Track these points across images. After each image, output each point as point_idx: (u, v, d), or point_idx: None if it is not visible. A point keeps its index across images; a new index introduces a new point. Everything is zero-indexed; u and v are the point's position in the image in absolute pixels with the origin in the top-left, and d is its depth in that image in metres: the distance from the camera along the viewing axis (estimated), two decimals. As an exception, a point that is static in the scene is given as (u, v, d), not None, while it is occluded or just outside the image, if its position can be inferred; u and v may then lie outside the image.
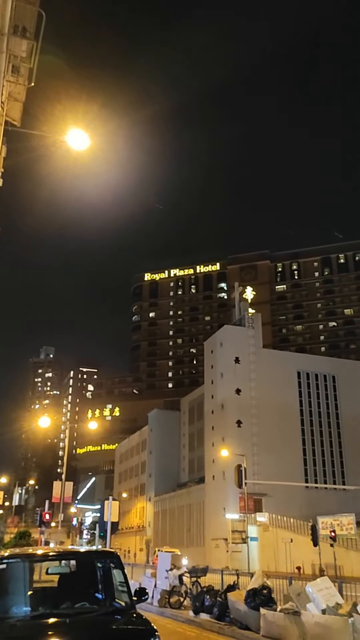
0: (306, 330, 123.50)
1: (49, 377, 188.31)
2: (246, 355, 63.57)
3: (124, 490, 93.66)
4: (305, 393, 67.42)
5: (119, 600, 7.59)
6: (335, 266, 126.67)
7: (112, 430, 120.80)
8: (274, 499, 53.61)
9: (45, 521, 32.47)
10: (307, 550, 37.90)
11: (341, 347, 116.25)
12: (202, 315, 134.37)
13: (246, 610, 12.74)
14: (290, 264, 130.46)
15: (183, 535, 67.08)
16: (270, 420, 61.17)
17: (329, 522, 37.61)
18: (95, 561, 8.08)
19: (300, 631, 10.74)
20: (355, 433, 65.83)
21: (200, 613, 15.26)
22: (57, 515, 39.27)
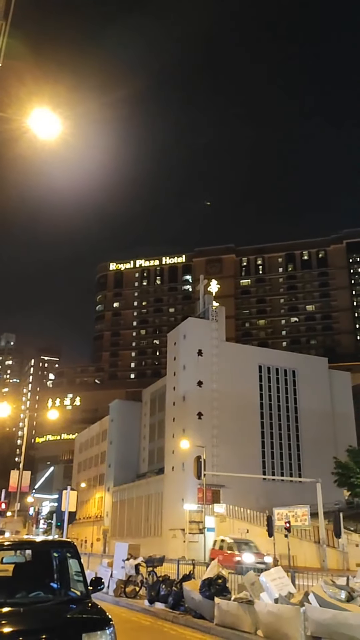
0: (269, 324, 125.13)
1: (8, 365, 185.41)
2: (209, 348, 63.96)
3: (83, 480, 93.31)
4: (265, 387, 68.34)
5: (74, 590, 7.60)
6: (299, 262, 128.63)
7: (73, 419, 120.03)
8: (232, 490, 54.30)
9: (0, 510, 32.10)
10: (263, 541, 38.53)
11: (302, 343, 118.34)
12: (167, 307, 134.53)
13: (201, 600, 12.90)
14: (255, 258, 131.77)
15: (141, 526, 67.37)
16: (230, 413, 61.82)
17: (284, 514, 38.29)
18: (51, 551, 8.07)
19: (253, 620, 10.95)
20: (313, 427, 67.22)
21: (155, 602, 15.38)
22: (14, 505, 38.86)
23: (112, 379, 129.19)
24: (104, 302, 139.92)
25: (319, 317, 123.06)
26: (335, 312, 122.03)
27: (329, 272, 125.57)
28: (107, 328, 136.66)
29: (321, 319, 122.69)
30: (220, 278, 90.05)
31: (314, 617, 9.29)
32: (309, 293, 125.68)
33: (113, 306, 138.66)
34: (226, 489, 55.24)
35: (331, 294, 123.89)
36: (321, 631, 9.19)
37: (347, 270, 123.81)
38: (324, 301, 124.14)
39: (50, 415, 77.97)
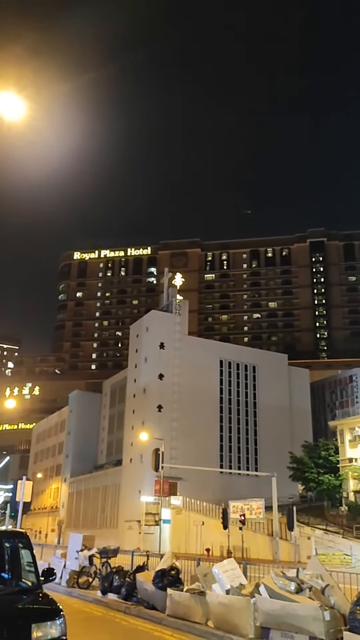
0: (231, 320, 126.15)
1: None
2: (171, 341, 64.08)
3: (39, 470, 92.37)
4: (226, 381, 68.97)
5: (25, 581, 7.55)
6: (263, 259, 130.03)
7: (31, 409, 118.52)
8: (189, 483, 54.70)
9: None
10: (217, 533, 39.04)
11: (263, 339, 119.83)
12: (130, 298, 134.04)
13: (153, 591, 12.98)
14: (220, 254, 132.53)
15: (97, 517, 67.24)
16: (190, 406, 62.17)
17: (240, 506, 38.86)
18: (3, 541, 7.98)
19: (205, 610, 11.08)
20: (271, 422, 68.27)
21: (108, 593, 15.38)
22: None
23: (73, 369, 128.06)
24: (66, 291, 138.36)
25: (280, 314, 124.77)
26: (297, 309, 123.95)
27: (292, 270, 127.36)
28: (69, 318, 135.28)
29: (283, 316, 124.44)
30: (184, 272, 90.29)
31: (263, 607, 9.46)
32: (272, 290, 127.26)
33: (76, 296, 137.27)
34: (183, 482, 55.62)
35: (293, 291, 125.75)
36: (270, 622, 9.37)
37: (309, 269, 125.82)
38: (285, 298, 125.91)
39: (8, 404, 76.93)
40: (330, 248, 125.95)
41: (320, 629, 8.48)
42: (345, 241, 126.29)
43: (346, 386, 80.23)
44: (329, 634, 8.47)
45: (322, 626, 8.46)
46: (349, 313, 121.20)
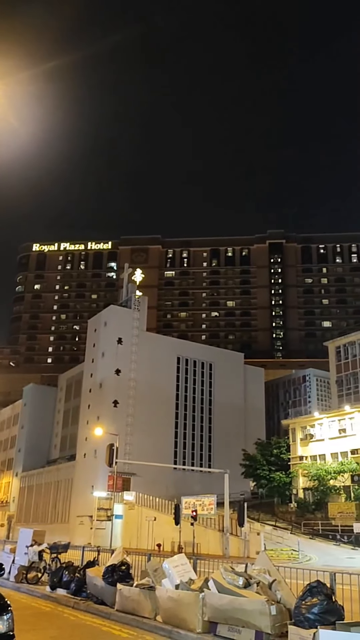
0: (189, 317, 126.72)
1: None
2: (129, 337, 63.92)
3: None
4: (182, 378, 69.32)
5: (-28, 576, 7.44)
6: (223, 258, 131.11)
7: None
8: (143, 479, 54.77)
9: None
10: (169, 529, 39.27)
11: (220, 337, 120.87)
12: (89, 293, 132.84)
13: (103, 586, 12.97)
14: (181, 251, 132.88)
15: (48, 512, 66.52)
16: (146, 402, 62.21)
17: (192, 502, 39.22)
18: None
19: (154, 605, 11.16)
20: (225, 420, 69.04)
21: (57, 589, 15.28)
22: None
23: (28, 362, 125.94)
24: (24, 283, 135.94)
25: (238, 313, 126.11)
26: (254, 309, 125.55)
27: (250, 270, 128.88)
28: (26, 310, 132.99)
29: (240, 315, 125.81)
30: (145, 268, 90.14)
31: (211, 602, 9.60)
32: (231, 289, 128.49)
33: (34, 288, 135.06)
34: (137, 477, 55.65)
35: (251, 291, 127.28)
36: (218, 616, 9.52)
37: (268, 269, 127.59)
38: (244, 298, 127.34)
39: None
40: (288, 250, 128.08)
41: (266, 623, 8.66)
42: (303, 244, 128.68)
43: (299, 386, 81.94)
44: (275, 628, 8.67)
45: (268, 620, 8.65)
46: (305, 314, 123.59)
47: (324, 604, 8.08)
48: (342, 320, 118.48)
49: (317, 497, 47.84)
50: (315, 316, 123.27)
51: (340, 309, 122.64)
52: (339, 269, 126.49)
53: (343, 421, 50.02)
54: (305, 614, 8.09)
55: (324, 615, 7.95)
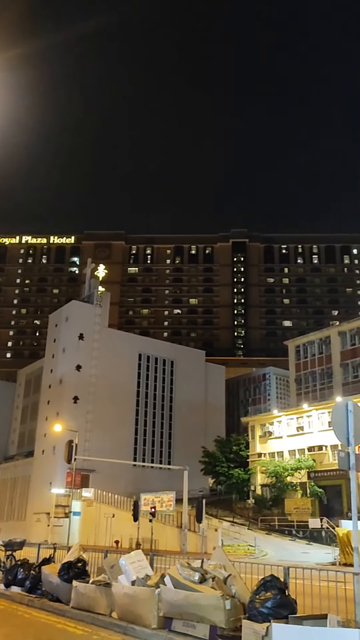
0: (152, 314, 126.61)
1: None
2: (91, 333, 63.47)
3: None
4: (144, 375, 69.27)
5: None
6: (186, 256, 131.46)
7: None
8: (102, 475, 54.53)
9: None
10: (128, 525, 39.25)
11: (182, 335, 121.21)
12: (51, 287, 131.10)
13: (59, 583, 12.86)
14: (145, 248, 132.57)
15: (4, 509, 65.50)
16: (107, 399, 61.91)
17: (151, 499, 39.33)
18: None
19: (109, 602, 11.13)
20: (186, 417, 69.37)
21: (11, 586, 15.07)
22: None
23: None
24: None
25: (200, 311, 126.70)
26: (217, 307, 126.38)
27: (213, 268, 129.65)
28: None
29: (202, 313, 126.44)
30: (108, 263, 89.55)
31: (167, 598, 9.64)
32: (194, 287, 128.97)
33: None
34: (96, 474, 55.38)
35: (214, 289, 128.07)
36: (173, 612, 9.56)
37: (230, 268, 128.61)
38: (206, 296, 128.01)
39: None
40: (251, 249, 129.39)
41: (220, 618, 8.75)
42: (266, 244, 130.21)
43: (259, 384, 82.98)
44: (229, 622, 8.77)
45: (222, 615, 8.74)
46: (266, 313, 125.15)
47: (278, 598, 8.21)
48: (302, 319, 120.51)
49: (274, 493, 48.61)
50: (276, 315, 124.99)
51: (300, 308, 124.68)
52: (300, 270, 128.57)
53: (301, 419, 50.94)
54: (259, 608, 8.20)
55: (277, 609, 8.07)
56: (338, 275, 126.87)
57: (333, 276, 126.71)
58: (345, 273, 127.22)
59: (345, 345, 56.38)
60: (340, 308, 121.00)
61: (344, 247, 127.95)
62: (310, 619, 7.87)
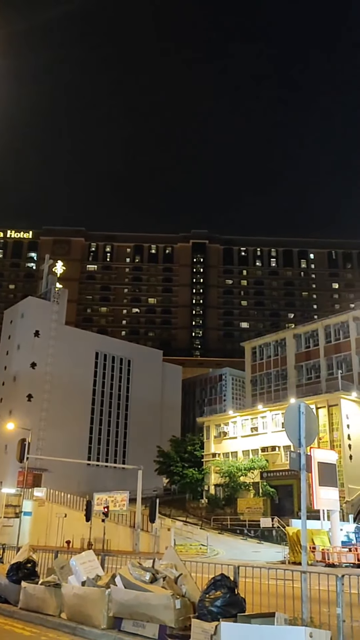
0: (110, 312, 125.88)
1: None
2: (47, 330, 62.59)
3: None
4: (100, 373, 68.79)
5: None
6: (146, 255, 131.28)
7: None
8: (55, 475, 53.83)
9: None
10: (80, 525, 38.84)
11: (140, 334, 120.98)
12: (7, 282, 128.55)
13: (7, 584, 12.64)
14: (105, 245, 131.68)
15: None
16: (62, 397, 61.17)
17: (104, 499, 39.06)
18: None
19: (59, 602, 11.01)
20: (142, 416, 69.25)
21: None
22: None
23: None
24: None
25: (159, 311, 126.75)
26: (175, 307, 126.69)
27: (173, 268, 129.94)
28: None
29: (161, 312, 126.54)
30: (66, 260, 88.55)
31: (117, 598, 9.60)
32: (153, 286, 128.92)
33: None
34: (49, 473, 54.64)
35: (173, 289, 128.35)
36: (123, 612, 9.54)
37: (190, 268, 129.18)
38: (165, 296, 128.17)
39: None
40: (211, 250, 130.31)
41: (170, 617, 8.78)
42: (226, 245, 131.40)
43: (216, 384, 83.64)
44: (179, 622, 8.80)
45: (172, 614, 8.77)
46: (224, 314, 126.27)
47: (227, 597, 8.29)
48: (259, 322, 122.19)
49: (227, 493, 49.08)
50: (234, 317, 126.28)
51: (257, 310, 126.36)
52: (258, 272, 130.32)
53: (256, 420, 51.60)
54: (208, 607, 8.27)
55: (226, 608, 8.16)
56: (295, 279, 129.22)
57: (290, 280, 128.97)
58: (301, 277, 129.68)
59: (300, 347, 57.48)
60: (296, 311, 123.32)
61: (301, 251, 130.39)
62: (259, 617, 7.98)
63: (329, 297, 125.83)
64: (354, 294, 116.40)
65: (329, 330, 55.33)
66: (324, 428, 43.57)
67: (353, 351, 52.09)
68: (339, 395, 44.38)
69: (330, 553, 27.73)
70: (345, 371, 50.60)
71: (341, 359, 52.98)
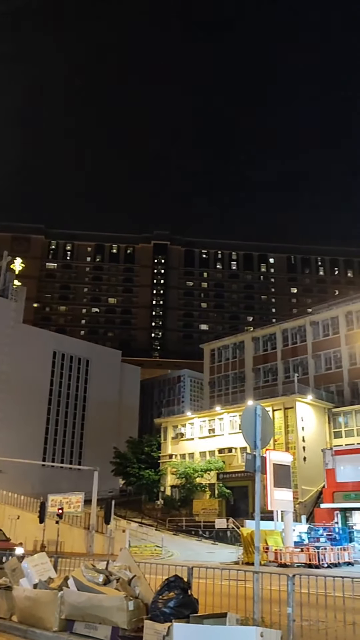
0: (69, 312, 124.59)
1: None
2: (4, 328, 61.43)
3: None
4: (58, 373, 67.95)
5: None
6: (107, 255, 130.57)
7: None
8: (8, 476, 52.77)
9: None
10: (33, 527, 38.22)
11: (99, 334, 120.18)
12: None
13: None
14: (65, 244, 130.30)
15: None
16: (17, 396, 60.13)
17: (59, 500, 38.55)
18: None
19: (10, 605, 10.83)
20: (99, 417, 68.75)
21: None
22: None
23: None
24: None
25: (119, 311, 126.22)
26: (135, 307, 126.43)
27: (134, 268, 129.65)
28: None
29: (121, 312, 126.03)
30: (25, 257, 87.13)
31: (70, 600, 9.51)
32: (113, 286, 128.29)
33: None
34: (2, 474, 53.55)
35: (133, 290, 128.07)
36: (76, 614, 9.45)
37: (151, 269, 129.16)
38: (125, 296, 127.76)
39: None
40: (172, 252, 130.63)
41: (123, 619, 8.76)
42: (187, 247, 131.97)
43: (174, 386, 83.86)
44: (131, 623, 8.79)
45: (125, 616, 8.75)
46: (183, 316, 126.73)
47: (180, 598, 8.33)
48: (219, 324, 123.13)
49: (183, 494, 49.22)
50: (194, 318, 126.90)
51: (217, 313, 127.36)
52: (219, 275, 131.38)
53: (213, 421, 51.95)
54: (161, 608, 8.29)
55: (179, 609, 8.19)
56: (254, 282, 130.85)
57: (250, 283, 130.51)
58: (261, 281, 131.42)
59: (258, 350, 58.23)
60: (255, 314, 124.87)
61: (261, 255, 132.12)
62: (211, 617, 8.05)
63: (287, 301, 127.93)
64: (311, 298, 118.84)
65: (286, 334, 56.26)
66: (280, 430, 44.23)
67: (309, 355, 53.12)
68: (295, 398, 45.15)
69: (283, 553, 28.16)
70: (302, 374, 51.53)
71: (298, 362, 53.95)
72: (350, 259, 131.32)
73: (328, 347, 52.05)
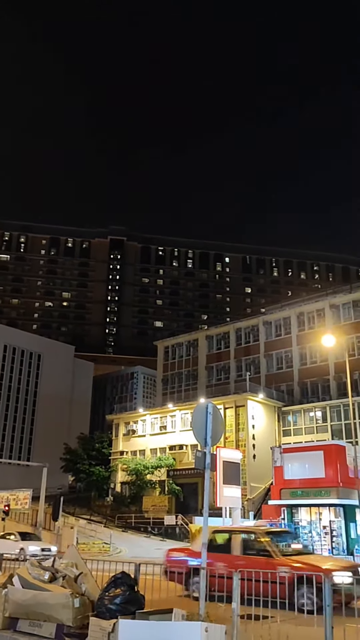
0: (21, 305, 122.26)
1: None
2: None
3: None
4: (8, 367, 66.63)
5: None
6: (62, 249, 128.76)
7: None
8: None
9: None
10: (-22, 525, 37.42)
11: (53, 328, 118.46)
12: None
13: None
14: (19, 235, 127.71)
15: None
16: (-35, 391, 58.66)
17: (6, 497, 37.88)
18: None
19: None
20: (50, 412, 67.82)
21: None
22: None
23: None
24: None
25: (73, 305, 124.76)
26: (90, 303, 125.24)
27: (89, 263, 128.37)
28: None
29: (75, 307, 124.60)
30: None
31: (14, 598, 9.35)
32: (67, 280, 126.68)
33: None
34: None
35: (88, 284, 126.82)
36: (20, 612, 9.31)
37: (107, 265, 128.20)
38: (80, 290, 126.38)
39: None
40: (129, 248, 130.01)
41: (68, 616, 8.68)
42: (144, 244, 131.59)
43: (127, 382, 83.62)
44: (77, 620, 8.72)
45: (70, 613, 8.67)
46: (138, 312, 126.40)
47: (127, 595, 8.32)
48: (173, 321, 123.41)
49: (133, 491, 49.12)
50: (148, 315, 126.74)
51: (172, 310, 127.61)
52: (175, 272, 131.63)
53: (165, 418, 52.03)
54: (107, 604, 8.26)
55: (126, 605, 8.18)
56: (210, 281, 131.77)
57: (205, 282, 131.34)
58: (216, 280, 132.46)
59: (211, 349, 58.67)
60: (210, 313, 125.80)
61: (217, 254, 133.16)
62: (157, 613, 8.07)
63: (241, 300, 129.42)
64: (265, 299, 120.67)
65: (239, 333, 56.88)
66: (231, 428, 44.72)
67: (262, 354, 53.89)
68: (246, 396, 45.74)
69: (230, 549, 28.45)
70: (254, 373, 52.24)
71: (250, 362, 54.65)
72: (303, 261, 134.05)
73: (280, 347, 52.93)
